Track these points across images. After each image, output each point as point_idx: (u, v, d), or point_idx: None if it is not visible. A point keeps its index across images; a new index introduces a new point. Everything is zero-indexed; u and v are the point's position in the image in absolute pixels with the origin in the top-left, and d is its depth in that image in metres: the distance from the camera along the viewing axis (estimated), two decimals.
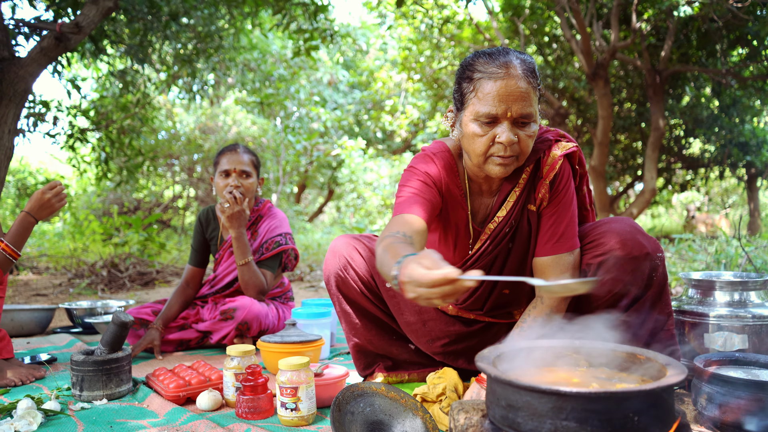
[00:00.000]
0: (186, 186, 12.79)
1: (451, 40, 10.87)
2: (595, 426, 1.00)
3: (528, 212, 1.87)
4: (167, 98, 12.07)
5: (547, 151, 1.83)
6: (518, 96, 1.62)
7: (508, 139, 1.63)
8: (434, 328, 2.10)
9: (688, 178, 12.47)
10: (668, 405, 1.07)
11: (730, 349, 2.10)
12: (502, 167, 1.70)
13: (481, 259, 1.92)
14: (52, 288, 5.45)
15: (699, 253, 4.76)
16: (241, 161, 2.98)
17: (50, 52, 3.61)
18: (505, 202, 1.86)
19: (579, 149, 1.90)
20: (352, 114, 15.32)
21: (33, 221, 2.38)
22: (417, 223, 1.66)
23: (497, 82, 1.62)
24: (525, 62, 1.67)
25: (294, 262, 3.13)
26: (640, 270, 1.78)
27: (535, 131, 1.69)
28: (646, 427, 1.02)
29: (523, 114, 1.64)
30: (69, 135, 6.52)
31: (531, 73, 1.67)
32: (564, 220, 1.82)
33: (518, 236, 1.88)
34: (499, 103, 1.62)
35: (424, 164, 1.84)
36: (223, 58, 7.71)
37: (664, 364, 1.15)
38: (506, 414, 1.09)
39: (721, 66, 8.92)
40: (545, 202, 1.85)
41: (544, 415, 1.03)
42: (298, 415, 1.81)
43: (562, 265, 1.80)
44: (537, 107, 1.70)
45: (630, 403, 1.00)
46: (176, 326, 2.99)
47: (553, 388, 1.01)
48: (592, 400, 0.99)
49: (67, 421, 1.89)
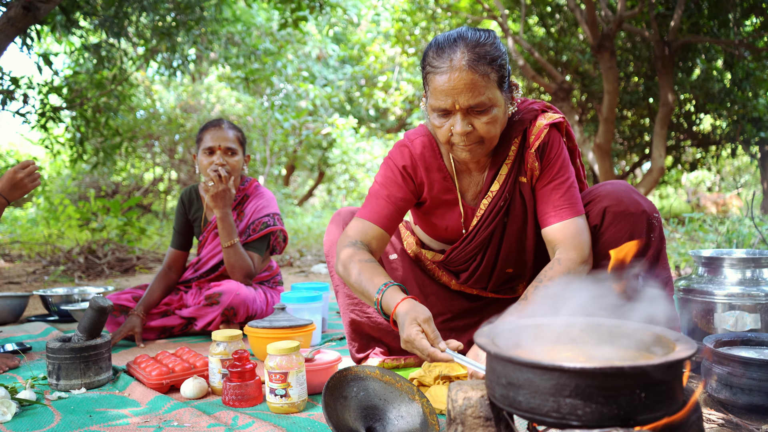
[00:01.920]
0: (167, 168, 12.72)
1: (448, 11, 10.80)
2: (599, 403, 1.00)
3: (519, 185, 1.93)
4: (145, 74, 11.96)
5: (533, 121, 1.91)
6: (463, 88, 1.69)
7: (461, 129, 1.74)
8: (436, 302, 2.15)
9: (699, 156, 12.48)
10: (677, 382, 1.07)
11: (742, 329, 2.12)
12: (468, 152, 1.79)
13: (477, 236, 1.96)
14: (25, 276, 5.43)
15: (709, 233, 4.78)
16: (226, 137, 2.96)
17: (18, 22, 3.57)
18: (497, 176, 1.92)
19: (566, 121, 1.96)
20: (343, 91, 15.25)
21: (4, 202, 2.37)
22: (377, 232, 1.91)
23: (442, 77, 1.71)
24: (474, 50, 1.71)
25: (283, 244, 3.13)
26: (638, 227, 1.84)
27: (495, 116, 1.75)
28: (654, 405, 1.03)
29: (472, 104, 1.71)
30: (41, 114, 6.46)
31: (481, 60, 1.70)
32: (564, 186, 1.87)
33: (512, 210, 1.94)
34: (446, 98, 1.72)
35: (399, 155, 1.97)
36: (205, 31, 7.63)
37: (674, 339, 1.16)
38: (507, 392, 1.09)
39: (733, 36, 8.89)
40: (536, 172, 1.90)
41: (547, 393, 1.03)
42: (288, 402, 1.82)
43: (574, 229, 1.84)
44: (496, 93, 1.74)
45: (636, 379, 1.01)
46: (158, 312, 2.99)
47: (556, 364, 1.01)
48: (596, 376, 1.00)
49: (43, 410, 1.89)
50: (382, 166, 2.01)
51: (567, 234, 1.83)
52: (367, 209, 1.94)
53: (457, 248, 2.01)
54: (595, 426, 1.00)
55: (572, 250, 1.81)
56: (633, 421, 1.01)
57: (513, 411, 1.10)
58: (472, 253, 2.00)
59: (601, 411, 1.00)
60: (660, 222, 1.89)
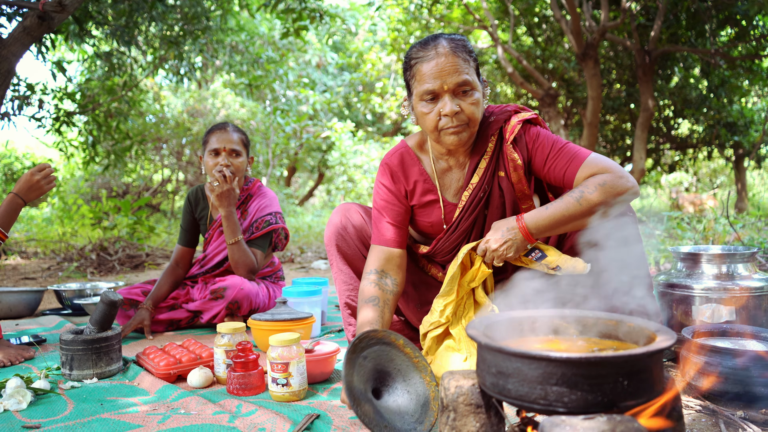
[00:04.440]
0: (175, 170, 12.68)
1: (441, 21, 10.79)
2: (584, 390, 1.00)
3: (498, 179, 1.95)
4: (154, 81, 11.92)
5: (508, 120, 1.95)
6: (449, 70, 1.77)
7: (450, 109, 1.78)
8: (425, 293, 2.17)
9: (677, 159, 12.51)
10: (658, 370, 1.07)
11: (718, 320, 2.12)
12: (455, 136, 1.82)
13: (459, 227, 1.98)
14: (40, 272, 5.41)
15: (687, 231, 4.79)
16: (231, 140, 2.95)
17: (33, 31, 3.54)
18: (477, 169, 1.95)
19: (539, 118, 1.98)
20: (341, 96, 15.22)
21: (21, 203, 2.36)
22: (389, 253, 1.97)
23: (430, 63, 1.78)
24: (454, 41, 1.82)
25: (284, 241, 3.12)
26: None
27: (477, 99, 1.81)
28: (636, 392, 1.02)
29: (459, 82, 1.78)
30: (55, 118, 6.42)
31: (461, 49, 1.81)
32: (564, 149, 1.84)
33: (491, 202, 1.96)
34: (434, 80, 1.78)
35: (382, 174, 2.05)
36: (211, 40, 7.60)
37: (654, 330, 1.16)
38: (496, 381, 1.09)
39: (710, 46, 8.90)
40: (518, 163, 1.90)
41: (534, 381, 1.03)
42: (289, 391, 1.81)
43: (591, 169, 1.77)
44: (475, 78, 1.82)
45: (619, 368, 1.01)
46: (166, 306, 2.98)
47: (543, 354, 1.01)
48: (581, 365, 0.99)
49: (57, 399, 1.88)
50: (374, 190, 2.08)
51: (590, 169, 1.77)
52: (375, 236, 2.02)
53: (441, 239, 2.03)
54: (581, 412, 1.00)
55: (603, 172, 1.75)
56: (616, 407, 1.01)
57: (502, 398, 1.10)
58: (456, 242, 2.01)
59: (586, 398, 1.00)
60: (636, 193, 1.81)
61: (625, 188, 1.71)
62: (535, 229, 1.79)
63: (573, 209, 1.72)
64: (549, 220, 1.76)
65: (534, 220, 1.78)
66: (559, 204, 1.75)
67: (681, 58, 9.98)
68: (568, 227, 1.78)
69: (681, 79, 10.41)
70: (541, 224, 1.78)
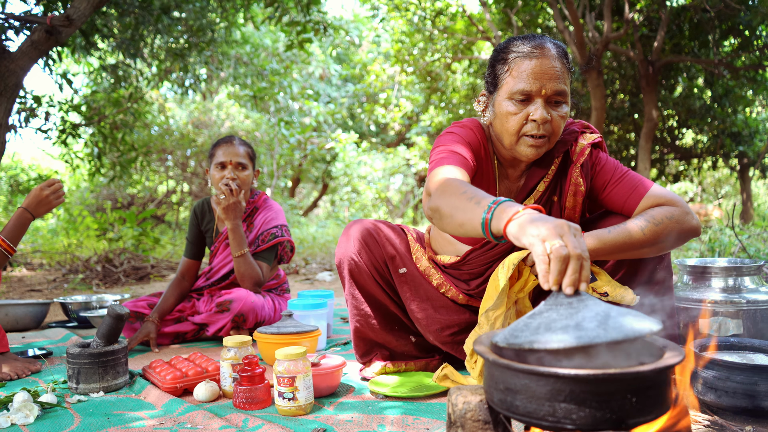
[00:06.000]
0: (180, 181, 12.73)
1: (444, 33, 10.84)
2: (593, 407, 1.00)
3: (551, 203, 1.86)
4: (159, 93, 12.00)
5: (575, 142, 1.86)
6: (552, 74, 1.66)
7: (541, 116, 1.66)
8: (444, 315, 2.08)
9: (681, 169, 12.51)
10: (666, 386, 1.07)
11: (725, 334, 2.12)
12: (534, 149, 1.71)
13: (500, 245, 1.87)
14: (46, 284, 5.43)
15: (693, 242, 4.78)
16: (237, 153, 2.97)
17: (41, 45, 3.58)
18: (533, 192, 1.85)
19: (603, 139, 1.91)
20: (345, 107, 15.30)
21: (30, 217, 2.38)
22: (464, 175, 1.61)
23: (532, 61, 1.66)
24: (558, 46, 1.73)
25: (290, 254, 3.12)
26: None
27: (566, 113, 1.72)
28: (644, 408, 1.02)
29: (557, 91, 1.67)
30: (61, 130, 6.47)
31: (564, 56, 1.71)
32: (627, 177, 1.78)
33: None
34: (534, 81, 1.66)
35: (462, 130, 1.81)
36: (216, 52, 7.67)
37: (662, 346, 1.16)
38: (504, 397, 1.09)
39: (713, 56, 8.92)
40: (581, 188, 1.82)
41: (542, 398, 1.03)
42: (295, 405, 1.81)
43: (657, 200, 1.72)
44: (569, 89, 1.72)
45: (628, 385, 1.01)
46: (172, 319, 2.98)
47: (551, 371, 1.01)
48: (589, 381, 0.99)
49: (63, 413, 1.89)
50: (443, 139, 1.80)
51: (655, 200, 1.70)
52: (450, 159, 1.67)
53: (477, 250, 1.92)
54: (589, 429, 1.00)
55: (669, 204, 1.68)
56: (625, 425, 1.01)
57: (510, 415, 1.10)
58: (491, 259, 1.92)
59: (595, 415, 1.00)
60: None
61: (691, 226, 1.65)
62: (592, 250, 1.65)
63: (636, 238, 1.63)
64: (609, 243, 1.65)
65: (594, 241, 1.65)
66: (621, 230, 1.65)
67: (684, 68, 10.00)
68: (626, 255, 1.69)
69: (685, 89, 10.44)
70: (600, 247, 1.65)
